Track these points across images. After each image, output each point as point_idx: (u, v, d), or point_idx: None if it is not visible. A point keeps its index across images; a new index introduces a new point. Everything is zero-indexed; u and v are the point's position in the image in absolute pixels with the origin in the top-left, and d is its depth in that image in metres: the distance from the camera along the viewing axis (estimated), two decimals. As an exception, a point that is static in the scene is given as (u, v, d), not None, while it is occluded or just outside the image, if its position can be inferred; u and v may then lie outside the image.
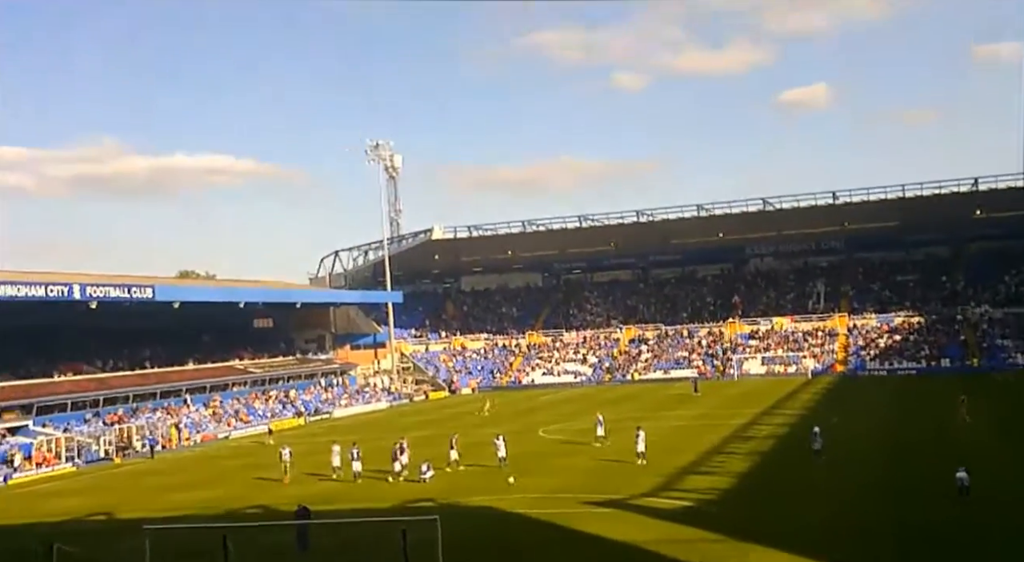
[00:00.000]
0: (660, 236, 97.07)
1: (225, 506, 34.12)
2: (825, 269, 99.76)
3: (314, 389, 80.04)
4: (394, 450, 38.71)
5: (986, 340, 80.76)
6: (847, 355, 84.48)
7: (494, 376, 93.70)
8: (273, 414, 69.98)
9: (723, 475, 34.10)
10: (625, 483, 33.06)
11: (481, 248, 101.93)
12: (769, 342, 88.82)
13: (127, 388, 63.85)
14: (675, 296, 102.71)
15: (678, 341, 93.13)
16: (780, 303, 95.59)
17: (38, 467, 49.43)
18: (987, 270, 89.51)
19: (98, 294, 58.20)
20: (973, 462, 28.98)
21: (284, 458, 40.21)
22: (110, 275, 69.54)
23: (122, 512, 34.75)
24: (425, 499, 32.53)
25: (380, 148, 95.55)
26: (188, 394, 67.75)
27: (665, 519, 27.36)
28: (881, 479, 31.60)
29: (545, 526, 27.47)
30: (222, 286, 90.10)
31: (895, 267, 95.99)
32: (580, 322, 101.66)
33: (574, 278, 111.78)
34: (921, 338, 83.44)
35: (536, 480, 35.28)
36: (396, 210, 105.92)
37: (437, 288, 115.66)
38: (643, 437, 37.73)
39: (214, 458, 51.49)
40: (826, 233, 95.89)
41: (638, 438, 37.76)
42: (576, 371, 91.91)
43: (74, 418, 57.95)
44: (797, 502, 28.61)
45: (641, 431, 38.12)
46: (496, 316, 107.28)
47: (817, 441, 35.75)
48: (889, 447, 38.55)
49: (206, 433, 62.51)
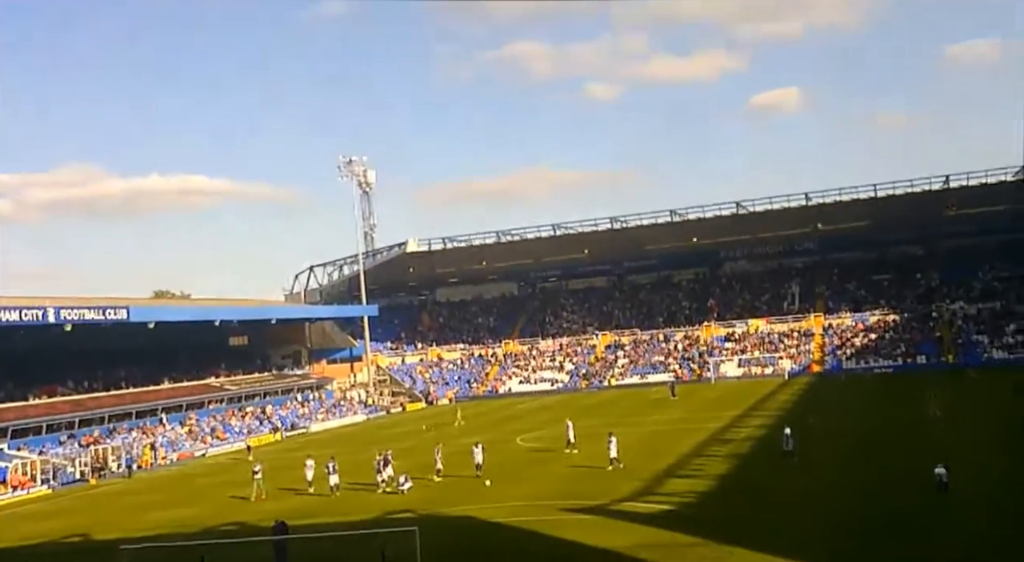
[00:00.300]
0: (634, 242, 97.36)
1: (202, 524, 33.80)
2: (800, 270, 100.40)
3: (291, 404, 79.55)
4: (378, 462, 38.62)
5: (961, 336, 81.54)
6: (823, 355, 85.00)
7: (471, 386, 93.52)
8: (250, 430, 69.44)
9: (702, 478, 34.18)
10: (604, 489, 33.04)
11: (456, 259, 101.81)
12: (745, 344, 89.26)
13: (102, 409, 63.23)
14: (651, 301, 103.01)
15: (654, 346, 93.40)
16: (755, 305, 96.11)
17: (13, 490, 48.72)
18: (961, 267, 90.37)
19: (73, 317, 57.80)
20: (950, 458, 29.21)
21: (256, 476, 39.79)
22: (85, 297, 68.78)
23: (99, 533, 34.31)
24: (404, 510, 32.37)
25: (353, 164, 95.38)
26: (164, 413, 67.19)
27: (645, 523, 27.35)
28: (860, 477, 31.79)
29: (525, 534, 27.39)
30: (197, 305, 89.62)
31: (869, 266, 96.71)
32: (556, 330, 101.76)
33: (549, 286, 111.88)
34: (897, 336, 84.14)
35: (515, 488, 35.22)
36: (370, 225, 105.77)
37: (413, 300, 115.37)
38: (615, 443, 38.01)
39: (191, 476, 50.97)
40: (800, 234, 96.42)
41: (610, 444, 38.00)
42: (553, 378, 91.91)
43: (49, 440, 57.38)
44: (777, 503, 28.69)
45: (613, 437, 38.37)
46: (472, 326, 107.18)
47: (788, 442, 35.97)
48: (867, 445, 38.78)
49: (183, 452, 61.91)
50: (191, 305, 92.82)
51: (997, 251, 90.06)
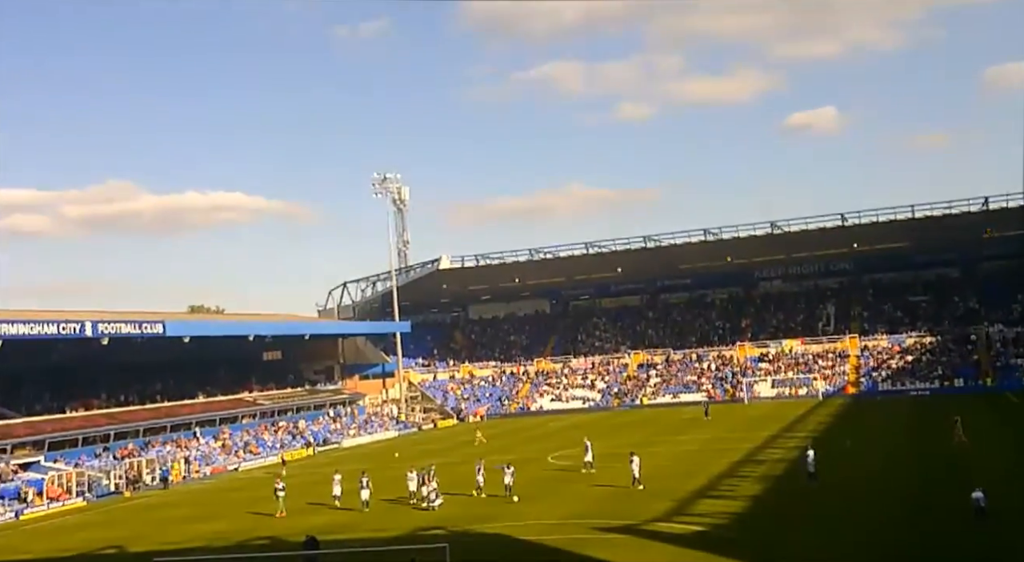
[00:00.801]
0: (667, 261, 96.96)
1: (235, 538, 33.99)
2: (835, 291, 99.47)
3: (323, 419, 79.93)
4: (422, 475, 38.78)
5: (1000, 359, 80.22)
6: (858, 376, 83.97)
7: (502, 403, 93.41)
8: (283, 445, 69.83)
9: (735, 499, 33.85)
10: (636, 508, 32.82)
11: (488, 277, 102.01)
12: (779, 365, 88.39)
13: (137, 422, 63.94)
14: (684, 320, 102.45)
15: (687, 365, 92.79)
16: (790, 325, 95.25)
17: (50, 502, 49.35)
18: (999, 289, 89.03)
19: (110, 331, 58.65)
20: (987, 483, 28.71)
21: (278, 493, 39.64)
22: (122, 312, 69.93)
23: (133, 546, 34.65)
24: (435, 527, 32.36)
25: (388, 181, 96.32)
26: (198, 427, 67.77)
27: (676, 544, 27.13)
28: (896, 502, 31.31)
29: (556, 553, 27.25)
30: (231, 320, 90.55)
31: (906, 288, 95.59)
32: (588, 348, 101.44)
33: (582, 304, 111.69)
34: (934, 358, 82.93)
35: (546, 506, 35.10)
36: (404, 241, 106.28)
37: (445, 317, 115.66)
38: (637, 462, 38.00)
39: (224, 491, 51.35)
40: (835, 255, 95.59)
41: (632, 464, 37.94)
42: (584, 397, 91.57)
43: (85, 453, 58.06)
44: (810, 526, 28.35)
45: (635, 457, 38.29)
46: (504, 343, 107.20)
47: (810, 465, 35.65)
48: (903, 469, 38.23)
49: (216, 466, 62.38)
50: (226, 320, 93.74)
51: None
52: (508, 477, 38.01)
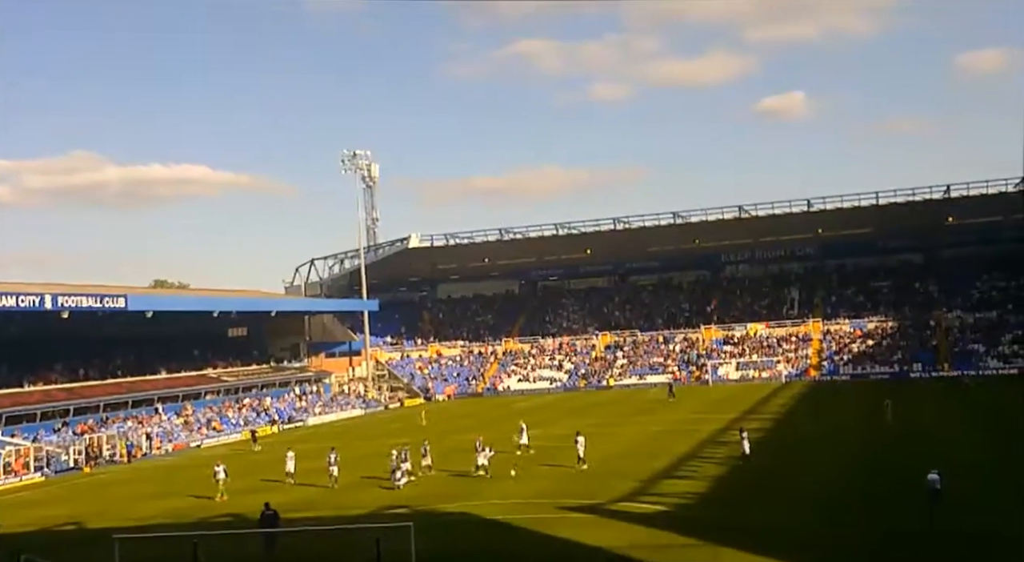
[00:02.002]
0: (637, 243, 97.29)
1: (196, 515, 33.73)
2: (800, 275, 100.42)
3: (288, 397, 79.47)
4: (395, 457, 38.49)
5: (958, 345, 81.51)
6: (820, 360, 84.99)
7: (470, 383, 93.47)
8: (247, 422, 69.36)
9: (699, 479, 34.17)
10: (601, 489, 32.98)
11: (458, 256, 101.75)
12: (744, 348, 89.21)
13: (98, 397, 63.14)
14: (651, 303, 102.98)
15: (654, 347, 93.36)
16: (755, 309, 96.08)
17: (7, 477, 48.66)
18: (960, 276, 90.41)
19: (70, 304, 57.57)
20: (943, 465, 29.16)
21: (218, 476, 37.72)
22: (83, 285, 68.84)
23: (92, 522, 34.26)
24: (400, 506, 32.32)
25: (357, 157, 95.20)
26: (160, 403, 67.09)
27: (641, 523, 27.31)
28: (854, 483, 31.74)
29: (521, 532, 27.35)
30: (196, 295, 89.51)
31: (869, 273, 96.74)
32: (556, 329, 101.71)
33: (551, 285, 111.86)
34: (894, 343, 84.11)
35: (512, 486, 35.17)
36: (373, 219, 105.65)
37: (414, 296, 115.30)
38: (583, 442, 38.56)
39: (186, 467, 50.88)
40: (801, 239, 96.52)
41: (577, 444, 38.43)
42: (552, 377, 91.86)
43: (44, 428, 57.25)
44: (772, 506, 28.64)
45: (580, 436, 38.80)
46: (472, 323, 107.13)
47: (745, 444, 36.74)
48: (859, 451, 38.76)
49: (178, 442, 61.86)
50: (190, 295, 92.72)
51: (995, 261, 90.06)
52: (483, 458, 38.09)
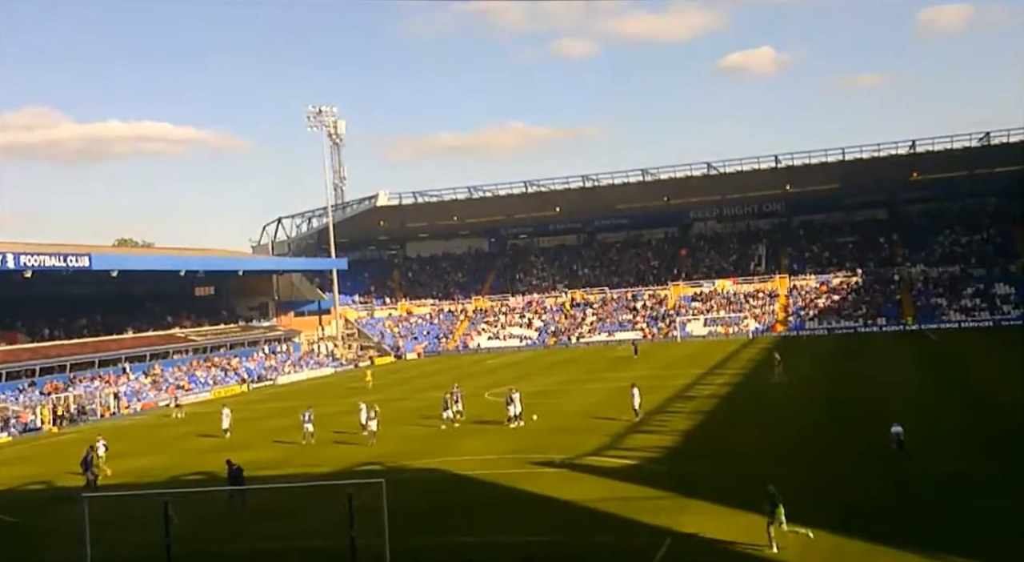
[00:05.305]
0: (605, 201, 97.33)
1: (166, 474, 33.71)
2: (767, 232, 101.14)
3: (257, 356, 79.21)
4: (445, 398, 40.92)
5: (921, 299, 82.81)
6: (787, 316, 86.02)
7: (440, 341, 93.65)
8: (216, 381, 69.14)
9: (667, 434, 34.61)
10: (570, 444, 33.34)
11: (427, 214, 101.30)
12: (712, 304, 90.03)
13: (63, 357, 62.56)
14: (620, 260, 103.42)
15: (623, 304, 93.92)
16: (723, 266, 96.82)
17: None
18: (923, 231, 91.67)
19: (33, 263, 56.89)
20: (905, 417, 29.82)
21: (98, 452, 35.14)
22: (45, 244, 67.79)
23: (60, 481, 34.11)
24: (372, 462, 32.49)
25: (323, 114, 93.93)
26: (127, 363, 66.60)
27: (610, 477, 27.70)
28: (819, 435, 32.31)
29: (492, 486, 27.63)
30: (161, 254, 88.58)
31: (834, 229, 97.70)
32: (526, 287, 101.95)
33: (520, 243, 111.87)
34: (859, 298, 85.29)
35: (483, 441, 35.48)
36: (340, 177, 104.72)
37: (383, 254, 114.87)
38: (518, 398, 39.36)
39: (154, 426, 50.72)
40: (768, 196, 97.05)
41: (512, 400, 39.14)
42: (522, 335, 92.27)
43: (9, 388, 56.75)
44: (738, 459, 29.12)
45: (516, 393, 39.62)
46: (442, 282, 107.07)
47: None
48: (825, 403, 39.43)
49: (146, 401, 61.56)
50: (155, 254, 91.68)
51: (958, 216, 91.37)
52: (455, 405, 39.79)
